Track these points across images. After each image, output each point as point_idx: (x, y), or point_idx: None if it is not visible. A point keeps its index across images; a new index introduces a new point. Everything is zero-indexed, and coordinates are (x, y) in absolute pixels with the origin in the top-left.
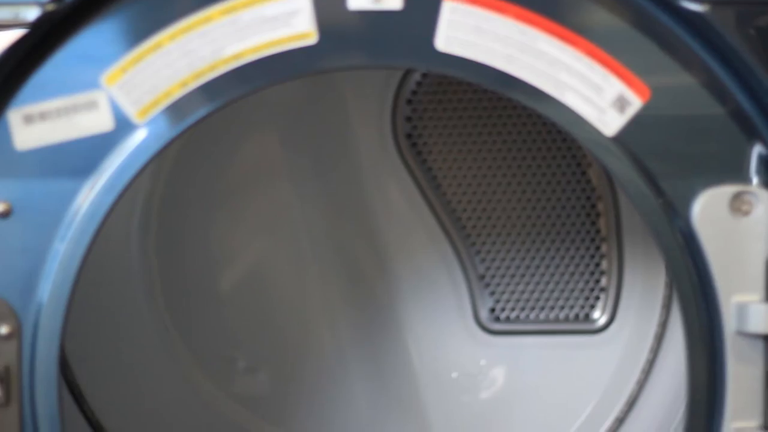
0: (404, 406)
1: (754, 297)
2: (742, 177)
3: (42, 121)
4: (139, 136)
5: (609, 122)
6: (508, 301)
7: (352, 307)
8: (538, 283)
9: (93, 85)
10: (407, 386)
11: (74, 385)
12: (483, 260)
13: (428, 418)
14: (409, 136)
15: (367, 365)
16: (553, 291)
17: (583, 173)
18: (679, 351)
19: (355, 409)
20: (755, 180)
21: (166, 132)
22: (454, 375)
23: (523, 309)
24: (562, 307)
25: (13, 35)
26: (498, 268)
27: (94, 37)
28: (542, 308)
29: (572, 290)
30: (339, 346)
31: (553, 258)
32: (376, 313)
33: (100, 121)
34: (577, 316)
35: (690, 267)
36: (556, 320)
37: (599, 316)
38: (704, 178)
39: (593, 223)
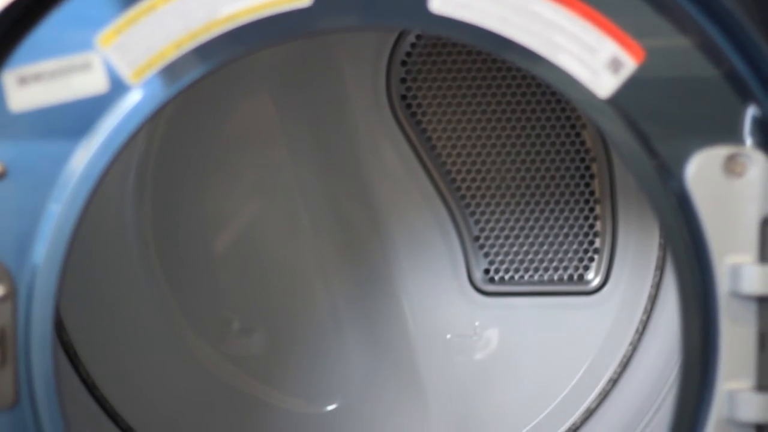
0: (398, 367)
1: (747, 258)
2: (736, 138)
3: (36, 82)
4: (133, 97)
5: (603, 84)
6: (502, 262)
7: (347, 269)
8: (532, 245)
9: (87, 46)
10: (401, 347)
11: (69, 346)
12: (477, 221)
13: (422, 378)
14: (403, 97)
15: (361, 327)
16: (547, 252)
17: (577, 135)
18: (673, 312)
19: (349, 370)
20: (749, 141)
21: (161, 94)
22: (449, 336)
23: (517, 270)
24: (556, 269)
25: None
26: (492, 229)
27: None
28: (536, 269)
29: (566, 251)
30: (333, 307)
31: (547, 219)
32: (371, 274)
33: (94, 83)
34: (571, 277)
35: (683, 228)
36: (550, 281)
37: (593, 278)
38: (698, 140)
39: (587, 185)
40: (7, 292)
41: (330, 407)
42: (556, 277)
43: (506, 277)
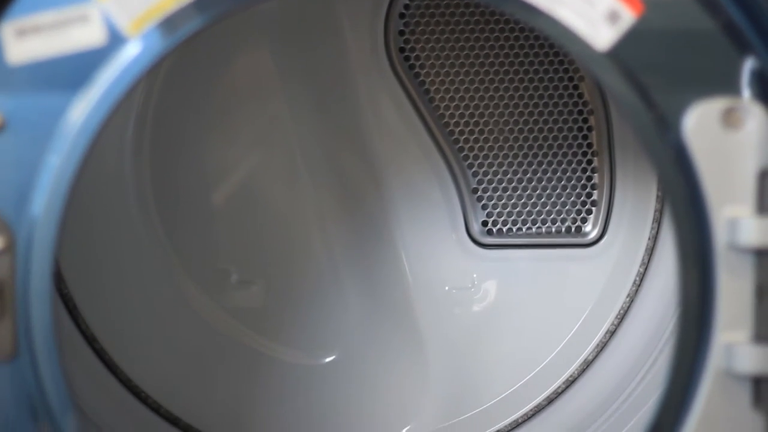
0: (397, 319)
1: (744, 210)
2: (734, 91)
3: (35, 34)
4: (131, 50)
5: (601, 36)
6: (500, 214)
7: (345, 221)
8: (530, 197)
9: None
10: (400, 299)
11: (68, 298)
12: (475, 174)
13: (421, 330)
14: (401, 50)
15: (359, 279)
16: (545, 204)
17: (575, 87)
18: (670, 265)
19: (347, 322)
20: (747, 93)
21: (159, 46)
22: (447, 288)
23: (515, 222)
24: (554, 221)
25: None
26: (490, 181)
27: None
28: (534, 222)
29: (564, 204)
30: (332, 259)
31: (545, 172)
32: (369, 227)
33: (92, 35)
34: (568, 230)
35: (681, 180)
36: (548, 233)
37: (591, 230)
38: (696, 92)
39: (585, 137)
40: (6, 244)
41: (328, 359)
42: (553, 230)
43: (504, 229)
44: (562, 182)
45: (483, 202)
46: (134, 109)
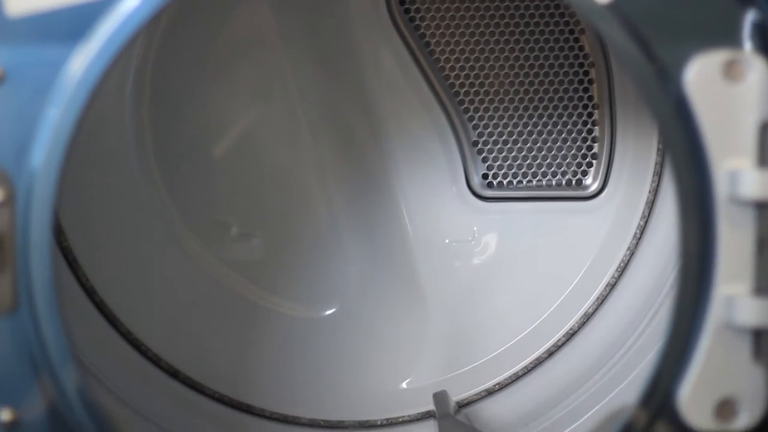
0: (397, 272)
1: (745, 163)
2: (735, 43)
3: None
4: (131, 1)
5: None
6: (500, 167)
7: (345, 174)
8: (530, 150)
9: None
10: (400, 252)
11: (68, 251)
12: (476, 127)
13: (421, 283)
14: (402, 2)
15: (360, 231)
16: (545, 157)
17: (576, 40)
18: (671, 217)
19: (348, 275)
20: (748, 46)
21: None
22: (447, 241)
23: (515, 175)
24: (555, 174)
25: None
26: (491, 134)
27: None
28: (534, 174)
29: (565, 157)
30: (332, 211)
31: (545, 125)
32: (369, 179)
33: None
34: (569, 183)
35: (682, 133)
36: (549, 186)
37: (591, 183)
38: (697, 44)
39: (586, 90)
40: (6, 196)
41: (329, 312)
42: (554, 182)
43: (504, 182)
44: (563, 135)
45: (483, 154)
46: (134, 61)
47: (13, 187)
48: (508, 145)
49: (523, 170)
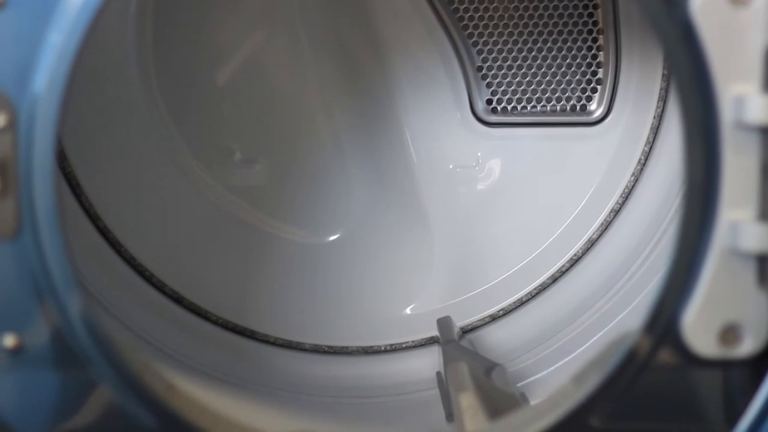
0: (401, 198)
1: (751, 87)
2: None
3: None
4: None
5: None
6: (504, 92)
7: (350, 100)
8: (535, 75)
9: None
10: (404, 178)
11: (72, 176)
12: (480, 52)
13: (425, 208)
14: None
15: (364, 157)
16: (550, 83)
17: None
18: (675, 144)
19: (352, 201)
20: None
21: None
22: (451, 167)
23: (519, 101)
24: (559, 99)
25: None
26: (495, 59)
27: None
28: (539, 100)
29: (569, 82)
30: (336, 137)
31: (550, 49)
32: (374, 105)
33: None
34: (573, 108)
35: (687, 58)
36: (553, 112)
37: (595, 108)
38: None
39: (590, 15)
40: (8, 121)
41: (332, 237)
42: (558, 108)
43: (509, 107)
44: (567, 60)
45: (488, 80)
46: None
47: (16, 112)
48: (513, 71)
49: (527, 96)
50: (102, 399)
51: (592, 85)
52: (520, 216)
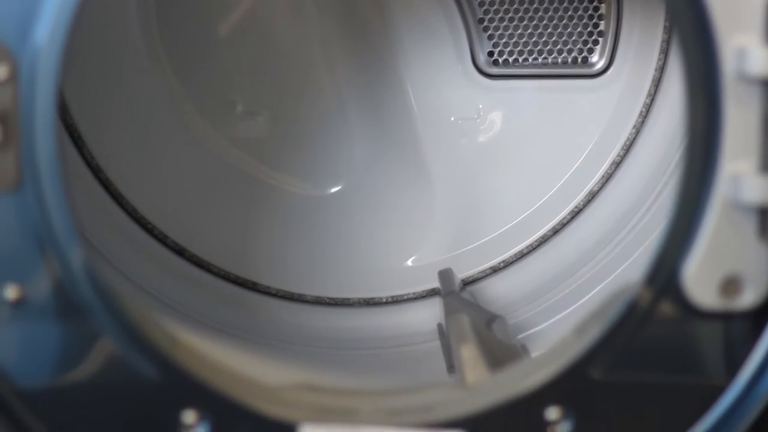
0: (403, 150)
1: (753, 38)
2: None
3: None
4: None
5: None
6: (506, 44)
7: (351, 52)
8: (536, 27)
9: None
10: (406, 130)
11: (73, 129)
12: (482, 4)
13: (426, 161)
14: None
15: (365, 109)
16: (551, 35)
17: None
18: (677, 96)
19: (353, 153)
20: None
21: None
22: (452, 119)
23: (521, 53)
24: (561, 51)
25: None
26: (497, 11)
27: None
28: (540, 52)
29: (571, 34)
30: (338, 90)
31: (552, 1)
32: (375, 58)
33: None
34: (575, 60)
35: (689, 8)
36: (554, 64)
37: (597, 60)
38: None
39: None
40: (10, 73)
41: (333, 189)
42: (560, 60)
43: (510, 59)
44: (569, 12)
45: (489, 32)
46: None
47: (17, 64)
48: (514, 23)
49: (528, 48)
50: (103, 351)
51: (593, 37)
52: (522, 168)
